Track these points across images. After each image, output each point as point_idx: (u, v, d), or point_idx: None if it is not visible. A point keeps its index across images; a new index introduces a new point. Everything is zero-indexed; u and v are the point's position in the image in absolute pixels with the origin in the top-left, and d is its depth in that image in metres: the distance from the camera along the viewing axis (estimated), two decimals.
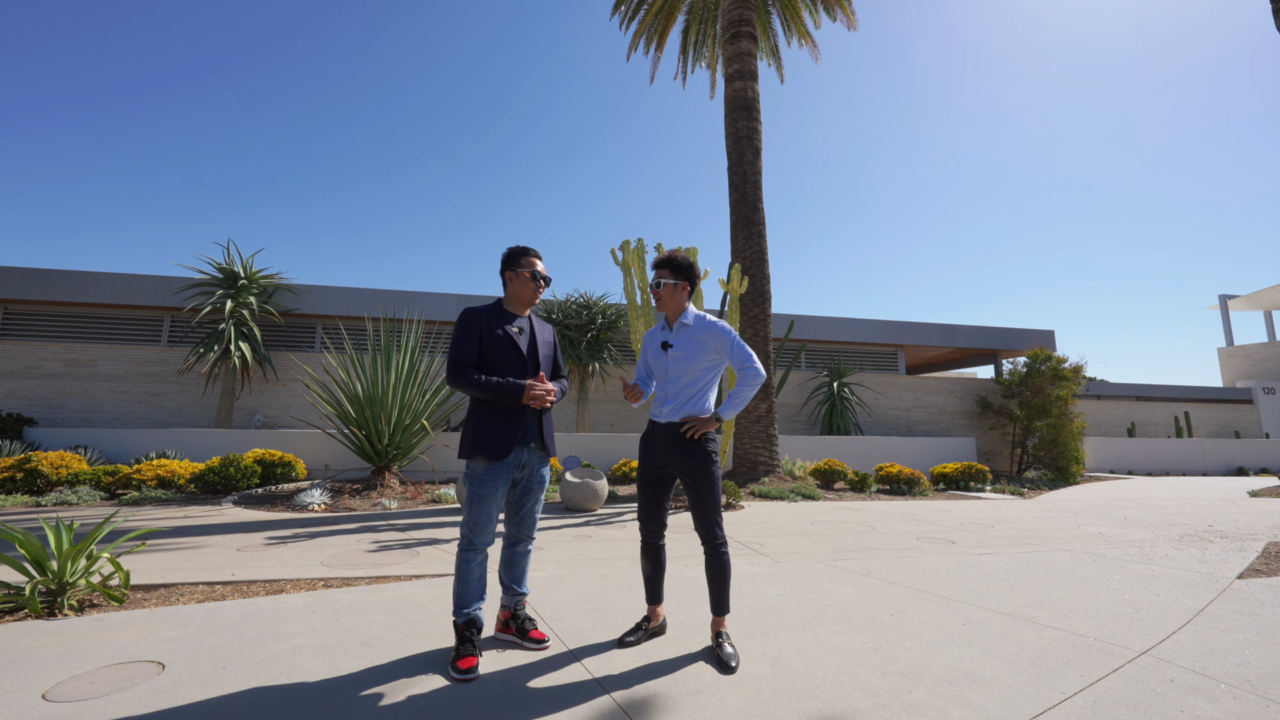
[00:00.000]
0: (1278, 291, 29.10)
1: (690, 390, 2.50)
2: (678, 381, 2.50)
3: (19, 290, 11.82)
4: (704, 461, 2.43)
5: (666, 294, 2.53)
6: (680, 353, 2.50)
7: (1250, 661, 2.35)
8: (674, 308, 2.55)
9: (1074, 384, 13.79)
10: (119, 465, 7.93)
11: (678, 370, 2.50)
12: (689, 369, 2.49)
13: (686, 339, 2.52)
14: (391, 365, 7.83)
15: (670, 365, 2.52)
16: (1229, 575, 3.80)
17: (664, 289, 2.52)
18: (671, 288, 2.52)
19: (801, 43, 13.21)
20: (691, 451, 2.43)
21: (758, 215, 10.03)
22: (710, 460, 2.44)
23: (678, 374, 2.50)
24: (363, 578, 3.55)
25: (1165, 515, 6.83)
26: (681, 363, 2.50)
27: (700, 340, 2.50)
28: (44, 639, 2.51)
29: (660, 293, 2.53)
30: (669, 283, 2.52)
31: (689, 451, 2.43)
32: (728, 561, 2.44)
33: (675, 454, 2.45)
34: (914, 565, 4.05)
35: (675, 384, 2.51)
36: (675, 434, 2.46)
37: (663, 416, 2.51)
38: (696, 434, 2.43)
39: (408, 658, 2.33)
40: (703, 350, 2.49)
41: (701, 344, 2.50)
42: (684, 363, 2.49)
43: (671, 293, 2.53)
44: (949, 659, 2.35)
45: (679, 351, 2.50)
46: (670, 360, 2.52)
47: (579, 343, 12.17)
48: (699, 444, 2.44)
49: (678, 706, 1.95)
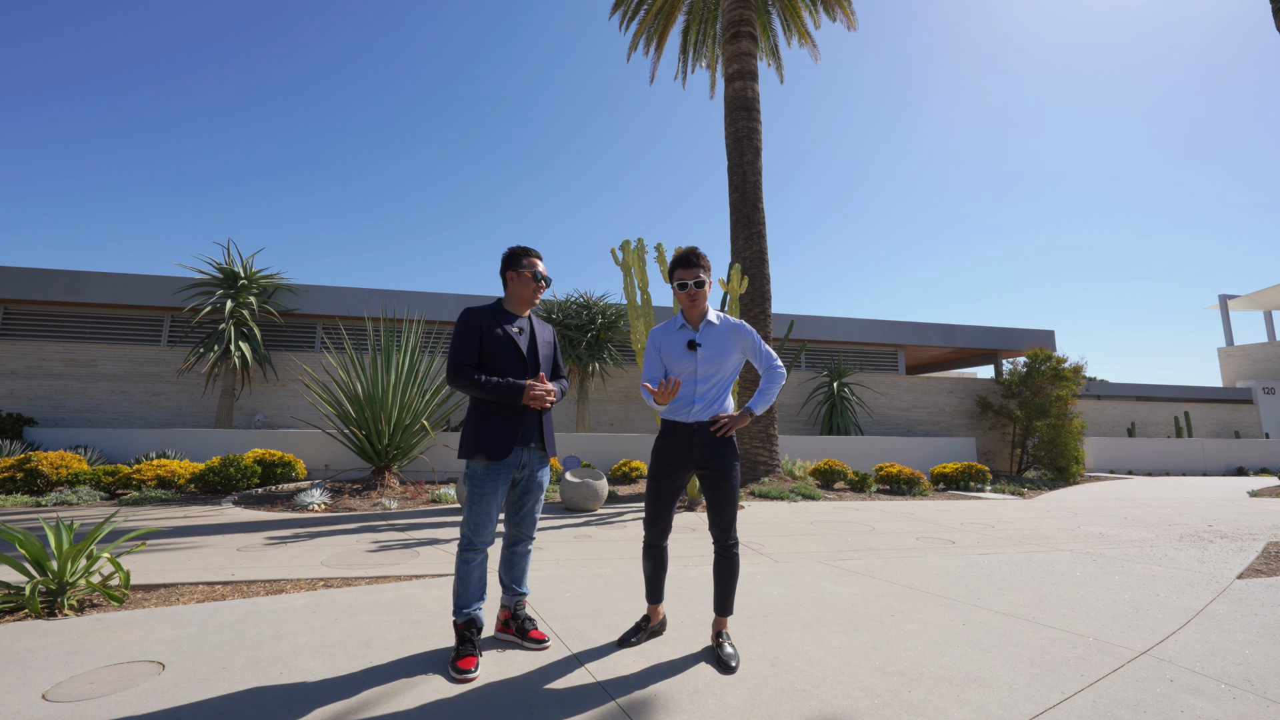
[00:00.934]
0: (1278, 291, 29.12)
1: (718, 389, 2.51)
2: (708, 380, 2.50)
3: (19, 290, 11.82)
4: (733, 459, 2.46)
5: (704, 295, 2.52)
6: (709, 351, 2.49)
7: (1250, 661, 2.35)
8: (705, 309, 2.55)
9: (1074, 384, 13.80)
10: (119, 465, 7.93)
11: (707, 369, 2.49)
12: (718, 368, 2.49)
13: (715, 338, 2.51)
14: (391, 365, 7.83)
15: (700, 364, 2.50)
16: (1229, 575, 3.80)
17: (705, 288, 2.51)
18: (708, 286, 2.52)
19: (801, 43, 13.21)
20: (723, 450, 2.45)
21: (758, 215, 10.03)
22: (737, 458, 2.48)
23: (708, 373, 2.49)
24: (363, 578, 3.56)
25: (1165, 515, 6.84)
26: (710, 362, 2.49)
27: (729, 340, 2.51)
28: (44, 639, 2.51)
29: (701, 292, 2.50)
30: (707, 281, 2.51)
31: (720, 449, 2.45)
32: (738, 562, 2.46)
33: (707, 452, 2.45)
34: (914, 565, 4.05)
35: (706, 383, 2.50)
36: (707, 432, 2.46)
37: (691, 416, 2.48)
38: (728, 432, 2.44)
39: (408, 658, 2.33)
40: (731, 349, 2.50)
41: (730, 343, 2.51)
42: (713, 362, 2.49)
43: (707, 293, 2.53)
44: (949, 659, 2.35)
45: (708, 350, 2.49)
46: (700, 359, 2.50)
47: (579, 343, 12.17)
48: (729, 442, 2.47)
49: (678, 706, 1.95)
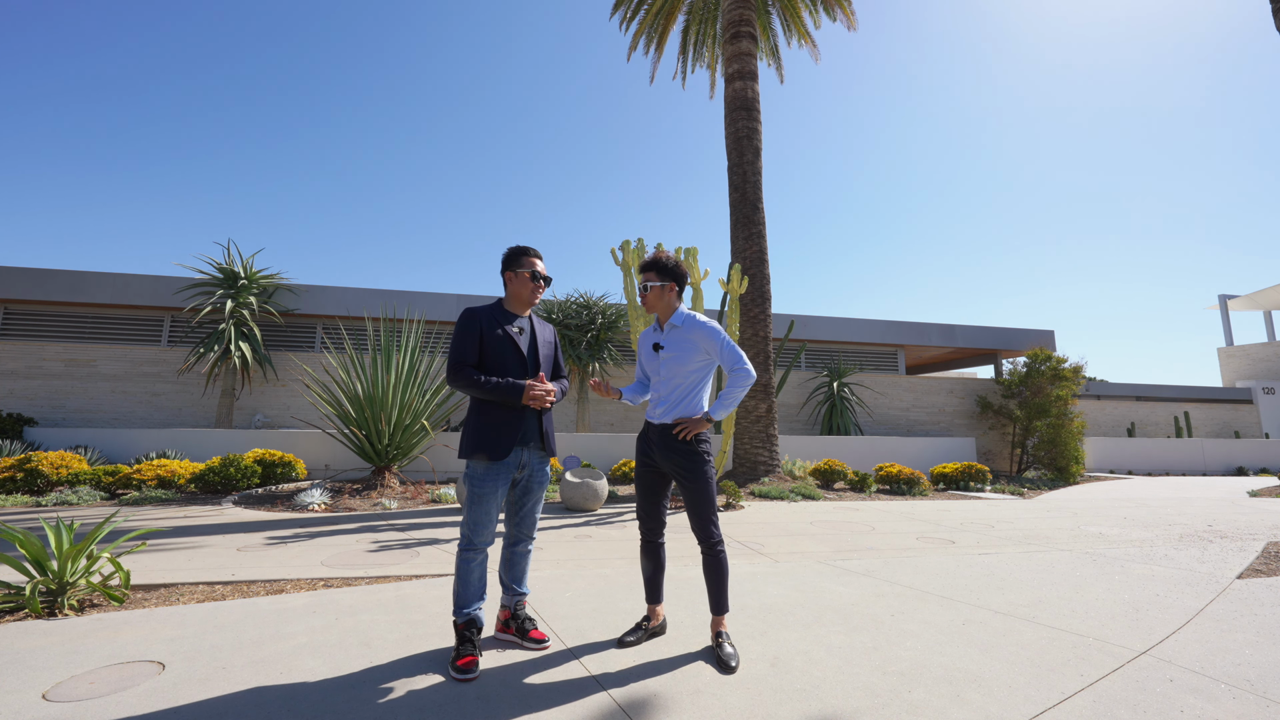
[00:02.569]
0: (1278, 291, 29.12)
1: (681, 391, 2.50)
2: (669, 383, 2.51)
3: (19, 290, 11.82)
4: (697, 462, 2.43)
5: (654, 296, 2.53)
6: (671, 354, 2.51)
7: (1250, 661, 2.36)
8: (663, 309, 2.56)
9: (1074, 384, 13.79)
10: (119, 465, 7.92)
11: (669, 371, 2.51)
12: (680, 370, 2.50)
13: (676, 340, 2.52)
14: (391, 365, 7.83)
15: (662, 366, 2.53)
16: (1229, 575, 3.80)
17: (651, 292, 2.52)
18: (659, 290, 2.52)
19: (801, 43, 13.22)
20: (684, 453, 2.44)
21: (758, 215, 10.03)
22: (703, 461, 2.45)
23: (669, 375, 2.51)
24: (363, 578, 3.56)
25: (1165, 515, 6.84)
26: (672, 364, 2.50)
27: (690, 341, 2.51)
28: (44, 639, 2.51)
29: (648, 296, 2.53)
30: (656, 285, 2.52)
31: (682, 453, 2.44)
32: (725, 561, 2.45)
33: (669, 455, 2.46)
34: (914, 565, 4.05)
35: (667, 385, 2.51)
36: (668, 435, 2.47)
37: (656, 418, 2.52)
38: (689, 435, 2.43)
39: (408, 658, 2.33)
40: (693, 351, 2.50)
41: (691, 344, 2.50)
42: (675, 364, 2.50)
43: (659, 295, 2.53)
44: (949, 659, 2.35)
45: (670, 353, 2.51)
46: (662, 362, 2.53)
47: (579, 343, 12.17)
48: (691, 445, 2.44)
49: (678, 706, 1.95)
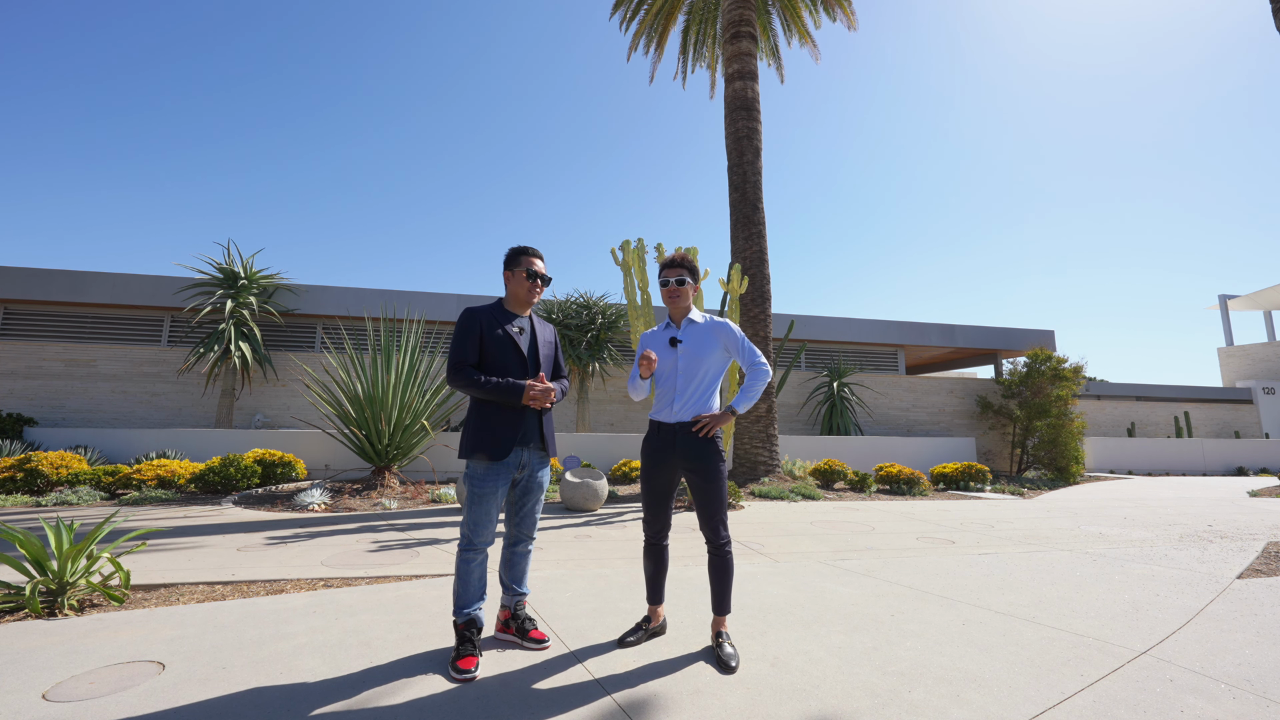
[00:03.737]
0: (1278, 291, 29.10)
1: (699, 388, 2.51)
2: (688, 379, 2.51)
3: (19, 290, 11.82)
4: (716, 459, 2.45)
5: (686, 293, 2.57)
6: (689, 349, 2.52)
7: (1250, 661, 2.36)
8: (686, 306, 2.60)
9: (1074, 384, 13.79)
10: (119, 465, 7.92)
11: (687, 366, 2.51)
12: (699, 366, 2.51)
13: (695, 335, 2.55)
14: (391, 365, 7.83)
15: (680, 360, 2.52)
16: (1229, 575, 3.80)
17: (686, 287, 2.56)
18: (691, 287, 2.58)
19: (801, 43, 13.21)
20: (704, 450, 2.44)
21: (758, 215, 10.03)
22: (721, 458, 2.47)
23: (688, 371, 2.51)
24: (363, 578, 3.56)
25: (1165, 515, 6.84)
26: (690, 359, 2.51)
27: (710, 337, 2.54)
28: (44, 639, 2.51)
29: (682, 289, 2.56)
30: (689, 282, 2.57)
31: (701, 450, 2.44)
32: (731, 561, 2.45)
33: (688, 453, 2.45)
34: (914, 565, 4.05)
35: (685, 381, 2.51)
36: (688, 432, 2.46)
37: (672, 415, 2.50)
38: (710, 431, 2.44)
39: (408, 658, 2.33)
40: (712, 347, 2.52)
41: (711, 340, 2.53)
42: (693, 359, 2.51)
43: (689, 292, 2.58)
44: (949, 659, 2.35)
45: (688, 347, 2.52)
46: (679, 356, 2.53)
47: (579, 343, 12.16)
48: (711, 442, 2.46)
49: (678, 706, 1.95)
